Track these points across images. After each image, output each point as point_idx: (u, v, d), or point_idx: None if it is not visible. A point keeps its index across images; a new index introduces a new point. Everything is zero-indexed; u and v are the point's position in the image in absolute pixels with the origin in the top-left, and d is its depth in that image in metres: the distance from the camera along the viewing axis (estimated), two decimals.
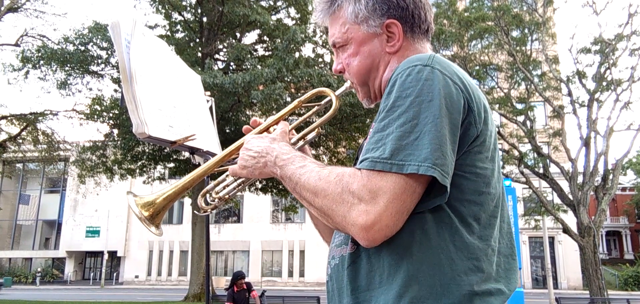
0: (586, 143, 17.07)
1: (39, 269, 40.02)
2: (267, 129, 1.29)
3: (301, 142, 1.31)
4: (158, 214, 1.25)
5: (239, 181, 1.32)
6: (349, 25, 1.19)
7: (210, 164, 1.30)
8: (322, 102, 1.33)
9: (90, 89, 19.72)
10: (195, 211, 1.71)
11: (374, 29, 1.17)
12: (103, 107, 19.46)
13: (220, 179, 1.35)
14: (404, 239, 0.98)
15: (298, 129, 1.37)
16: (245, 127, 1.34)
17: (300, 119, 1.40)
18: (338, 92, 1.31)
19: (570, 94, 18.05)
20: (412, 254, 0.97)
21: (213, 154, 2.21)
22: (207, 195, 1.37)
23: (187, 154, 2.22)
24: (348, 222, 0.96)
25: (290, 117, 1.36)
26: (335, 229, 1.12)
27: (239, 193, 1.47)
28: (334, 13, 1.22)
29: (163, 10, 19.20)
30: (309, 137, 1.32)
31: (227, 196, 1.35)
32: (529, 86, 18.67)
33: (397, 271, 0.97)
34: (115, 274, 40.17)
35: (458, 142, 0.99)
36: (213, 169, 1.31)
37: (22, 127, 21.56)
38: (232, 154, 1.29)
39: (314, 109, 1.36)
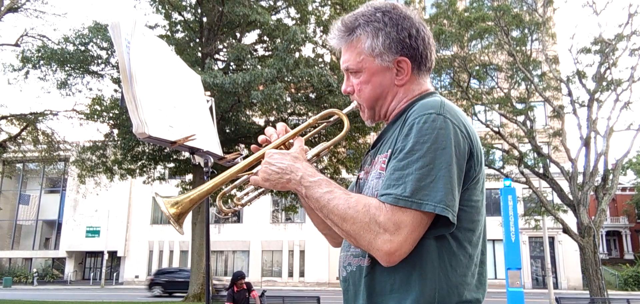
0: (586, 143, 17.06)
1: (35, 270, 40.02)
2: (283, 144, 1.40)
3: (315, 159, 1.44)
4: (183, 214, 1.37)
5: (260, 190, 1.45)
6: (365, 56, 1.33)
7: (232, 172, 1.39)
8: (331, 120, 1.46)
9: (90, 89, 19.72)
10: (216, 213, 1.78)
11: (386, 63, 1.32)
12: (103, 107, 19.46)
13: (238, 184, 1.45)
14: (414, 259, 1.17)
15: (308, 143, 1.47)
16: (261, 137, 1.43)
17: (307, 135, 1.49)
18: (345, 110, 1.43)
19: (570, 94, 18.04)
20: (419, 271, 1.17)
21: (213, 154, 2.22)
22: (229, 200, 1.48)
23: (187, 154, 2.22)
24: (373, 247, 1.14)
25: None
26: (358, 248, 1.26)
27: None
28: (352, 42, 1.35)
29: (163, 10, 19.18)
30: (322, 154, 1.45)
31: (248, 202, 1.49)
32: (529, 86, 18.66)
33: (408, 283, 1.18)
34: (115, 274, 40.17)
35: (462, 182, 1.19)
36: (234, 177, 1.40)
37: (22, 127, 21.55)
38: (252, 164, 1.39)
39: (322, 126, 1.47)
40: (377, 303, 1.22)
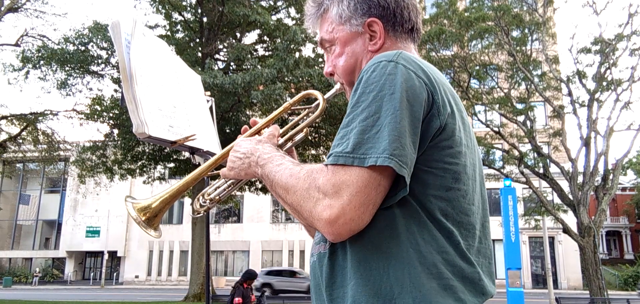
0: (586, 143, 17.06)
1: (37, 270, 40.02)
2: (257, 132, 1.32)
3: (289, 144, 1.32)
4: (155, 216, 1.29)
5: (229, 182, 1.34)
6: (335, 26, 1.23)
7: (204, 168, 1.34)
8: (312, 105, 1.35)
9: (91, 89, 19.74)
10: (190, 214, 1.72)
11: (356, 27, 1.20)
12: (103, 107, 19.47)
13: (213, 181, 1.40)
14: (373, 235, 0.98)
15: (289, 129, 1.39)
16: (244, 127, 1.37)
17: (293, 122, 1.42)
18: (328, 94, 1.32)
19: (570, 94, 18.05)
20: (381, 249, 0.97)
21: (213, 154, 2.22)
22: (201, 197, 1.40)
23: (187, 154, 2.22)
24: (314, 217, 0.97)
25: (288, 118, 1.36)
26: (306, 226, 1.13)
27: (238, 193, 1.48)
28: (322, 16, 1.27)
29: (163, 10, 19.20)
30: (297, 138, 1.33)
31: (218, 198, 1.37)
32: (529, 86, 18.67)
33: (368, 266, 0.97)
34: (115, 274, 40.16)
35: (422, 134, 0.99)
36: (207, 172, 1.34)
37: (22, 127, 21.55)
38: (225, 157, 1.30)
39: (305, 112, 1.37)
40: (338, 296, 1.01)
